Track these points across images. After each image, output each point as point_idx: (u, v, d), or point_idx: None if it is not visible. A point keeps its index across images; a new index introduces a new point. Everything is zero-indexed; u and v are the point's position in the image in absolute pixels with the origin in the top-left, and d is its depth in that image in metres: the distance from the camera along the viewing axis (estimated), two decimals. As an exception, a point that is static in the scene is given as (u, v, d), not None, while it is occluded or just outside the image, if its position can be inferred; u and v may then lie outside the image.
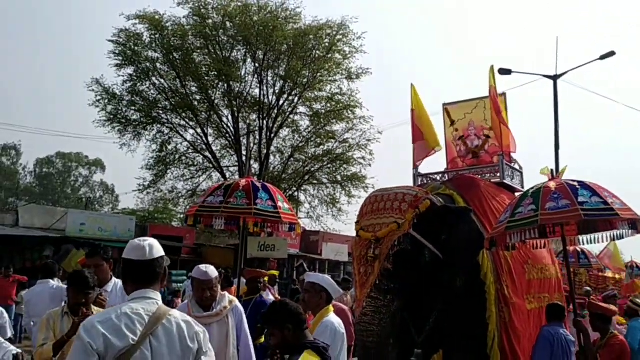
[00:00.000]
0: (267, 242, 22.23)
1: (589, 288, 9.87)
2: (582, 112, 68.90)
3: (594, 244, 5.36)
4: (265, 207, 5.62)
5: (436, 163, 7.04)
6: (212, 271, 3.82)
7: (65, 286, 3.98)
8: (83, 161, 47.63)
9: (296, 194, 22.33)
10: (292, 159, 21.43)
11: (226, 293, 3.96)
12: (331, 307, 3.90)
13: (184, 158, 21.21)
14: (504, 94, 6.73)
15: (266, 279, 7.23)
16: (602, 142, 73.68)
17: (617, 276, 11.39)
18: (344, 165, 21.10)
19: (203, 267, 3.86)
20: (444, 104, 6.92)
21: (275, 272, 7.82)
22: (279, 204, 5.73)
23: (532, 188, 4.83)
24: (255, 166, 20.84)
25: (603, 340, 4.80)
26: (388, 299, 4.81)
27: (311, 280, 3.96)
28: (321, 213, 22.00)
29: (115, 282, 4.17)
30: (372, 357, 4.82)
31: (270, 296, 7.40)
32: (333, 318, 3.79)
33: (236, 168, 20.89)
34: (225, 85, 20.28)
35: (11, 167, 45.65)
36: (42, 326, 3.50)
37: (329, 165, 21.33)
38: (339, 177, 21.11)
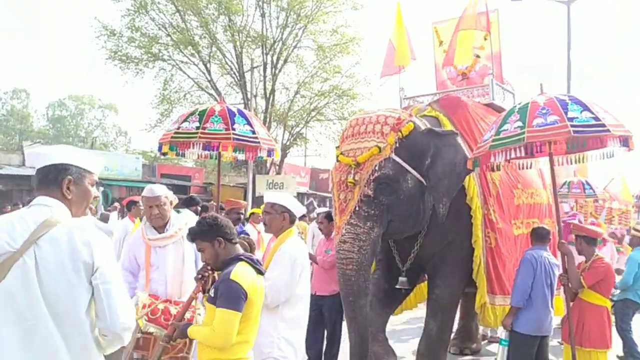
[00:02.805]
0: (276, 180, 22.40)
1: (594, 219, 9.69)
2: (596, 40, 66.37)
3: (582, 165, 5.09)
4: (244, 132, 5.39)
5: (425, 86, 6.76)
6: (159, 189, 3.74)
7: None
8: (95, 104, 47.66)
9: (303, 131, 22.13)
10: (297, 95, 21.05)
11: (182, 215, 3.83)
12: (294, 229, 3.71)
13: (188, 96, 20.96)
14: (495, 11, 6.28)
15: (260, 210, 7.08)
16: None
17: (623, 207, 11.15)
18: (351, 101, 20.67)
19: (151, 185, 3.82)
20: (433, 23, 6.52)
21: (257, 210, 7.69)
22: (257, 128, 5.51)
23: (519, 104, 4.53)
24: (261, 103, 20.56)
25: (587, 263, 4.65)
26: (368, 225, 4.69)
27: (271, 200, 3.74)
28: (329, 150, 21.82)
29: None
30: (352, 286, 4.74)
31: (254, 230, 7.30)
32: (294, 242, 3.61)
33: (241, 106, 20.60)
34: (227, 18, 19.62)
35: (23, 110, 45.93)
36: None
37: (335, 101, 20.94)
38: (346, 113, 20.67)
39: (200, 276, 2.97)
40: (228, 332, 2.55)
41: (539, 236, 4.84)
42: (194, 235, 2.80)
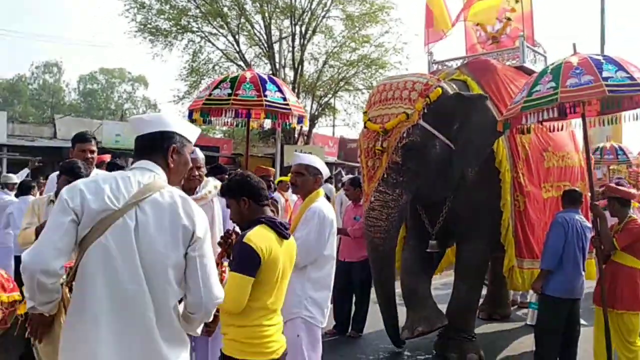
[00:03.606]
0: (304, 149, 22.56)
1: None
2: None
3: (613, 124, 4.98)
4: (275, 98, 5.46)
5: (454, 51, 6.62)
6: (200, 152, 3.80)
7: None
8: (126, 77, 48.30)
9: (331, 101, 22.04)
10: (326, 65, 20.80)
11: (211, 179, 3.91)
12: (322, 191, 3.73)
13: (217, 68, 20.90)
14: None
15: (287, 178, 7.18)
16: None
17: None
18: (380, 70, 20.28)
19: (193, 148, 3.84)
20: (462, -17, 6.35)
21: (285, 179, 7.75)
22: (287, 95, 5.57)
23: (552, 64, 4.44)
24: (290, 74, 20.51)
25: (620, 225, 4.59)
26: (396, 192, 4.73)
27: (304, 162, 3.72)
28: (357, 120, 21.71)
29: (97, 172, 4.10)
30: (380, 253, 4.82)
31: (293, 196, 7.42)
32: (322, 203, 3.63)
33: (270, 76, 20.58)
34: (255, -12, 19.52)
35: (55, 84, 46.88)
36: (27, 212, 3.59)
37: (364, 71, 20.60)
38: (374, 83, 20.38)
39: (223, 241, 2.90)
40: (236, 297, 2.43)
41: (570, 199, 4.78)
42: (224, 190, 2.78)
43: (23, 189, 6.74)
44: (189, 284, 1.94)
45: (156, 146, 2.03)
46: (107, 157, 6.59)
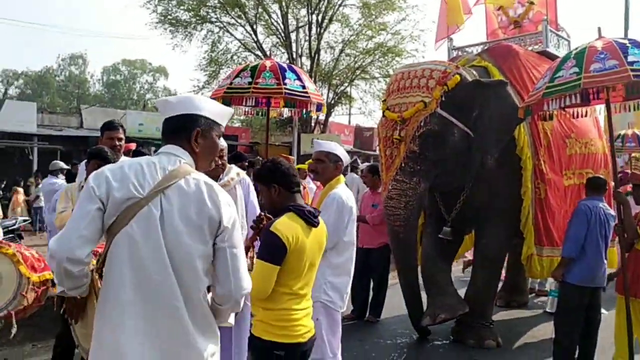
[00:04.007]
0: (320, 138, 22.65)
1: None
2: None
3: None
4: (294, 86, 5.53)
5: (475, 36, 6.52)
6: (222, 141, 3.84)
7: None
8: (147, 68, 48.94)
9: (348, 89, 22.00)
10: (342, 53, 20.82)
11: (234, 166, 3.96)
12: (342, 178, 3.75)
13: (235, 57, 21.09)
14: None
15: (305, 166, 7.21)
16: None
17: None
18: (396, 58, 20.26)
19: None
20: (483, -32, 6.25)
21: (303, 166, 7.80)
22: (306, 83, 5.61)
23: (575, 49, 4.36)
24: (306, 63, 20.50)
25: (644, 213, 4.51)
26: (414, 181, 4.74)
27: (325, 149, 3.73)
28: (374, 108, 21.66)
29: (124, 159, 4.27)
30: (401, 241, 4.85)
31: (311, 183, 7.45)
32: (342, 190, 3.65)
33: (287, 66, 20.60)
34: (272, -23, 19.52)
35: (80, 76, 47.75)
36: (61, 198, 3.79)
37: (380, 59, 20.59)
38: (391, 71, 20.27)
39: (255, 225, 2.93)
40: (261, 284, 2.43)
41: (594, 186, 4.69)
42: (255, 176, 2.81)
43: (70, 176, 7.01)
44: (218, 275, 1.89)
45: (181, 129, 1.95)
46: (133, 146, 6.73)
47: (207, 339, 1.89)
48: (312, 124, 20.43)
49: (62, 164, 8.38)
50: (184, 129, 1.95)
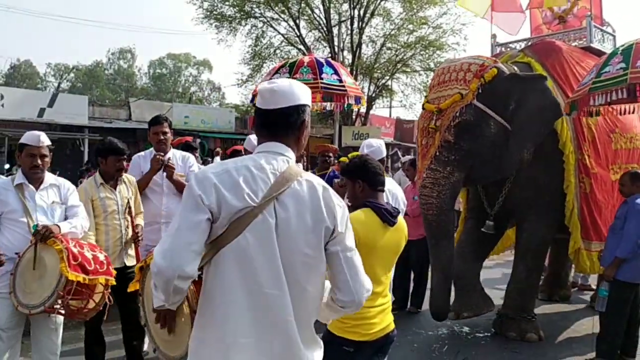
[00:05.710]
0: (361, 130, 22.65)
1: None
2: None
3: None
4: (331, 81, 5.71)
5: (519, 33, 6.52)
6: None
7: None
8: (191, 61, 50.09)
9: (389, 82, 22.00)
10: (384, 47, 20.86)
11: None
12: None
13: (278, 52, 21.47)
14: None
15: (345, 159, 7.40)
16: None
17: None
18: (437, 52, 20.21)
19: (251, 136, 4.28)
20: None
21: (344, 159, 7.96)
22: (344, 77, 5.79)
23: (622, 45, 4.37)
24: (348, 57, 20.62)
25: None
26: (447, 170, 4.80)
27: (380, 156, 4.11)
28: (414, 101, 21.62)
29: (174, 152, 4.48)
30: (434, 229, 4.91)
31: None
32: (387, 180, 3.86)
33: (329, 59, 20.77)
34: (316, -26, 19.70)
35: (128, 70, 49.34)
36: (81, 193, 3.75)
37: (421, 53, 20.56)
38: (432, 64, 20.23)
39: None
40: None
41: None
42: (343, 171, 2.91)
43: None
44: (337, 282, 1.79)
45: (289, 124, 1.76)
46: (189, 139, 6.95)
47: (314, 350, 1.79)
48: (353, 117, 20.58)
49: None
50: (295, 123, 1.78)
